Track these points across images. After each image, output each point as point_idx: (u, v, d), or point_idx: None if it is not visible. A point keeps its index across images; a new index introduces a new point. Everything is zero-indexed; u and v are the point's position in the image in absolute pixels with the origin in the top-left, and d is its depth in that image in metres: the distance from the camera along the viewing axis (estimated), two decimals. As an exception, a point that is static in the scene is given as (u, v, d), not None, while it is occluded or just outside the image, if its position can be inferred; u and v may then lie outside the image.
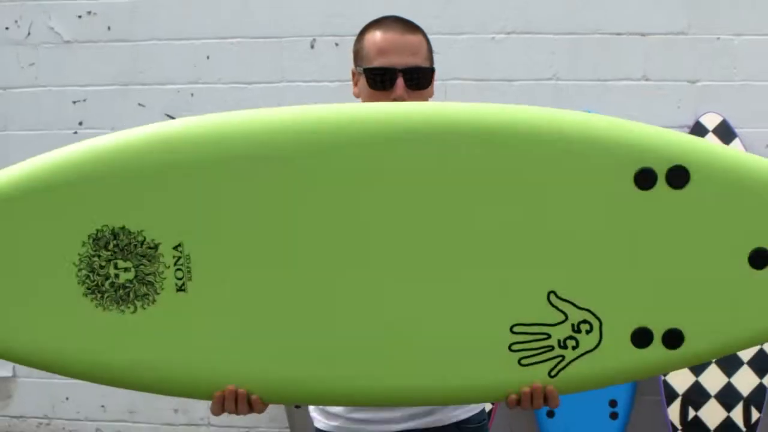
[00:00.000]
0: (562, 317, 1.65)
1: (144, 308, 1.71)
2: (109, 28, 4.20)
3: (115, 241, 1.71)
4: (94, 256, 1.71)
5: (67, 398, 4.55)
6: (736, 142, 3.86)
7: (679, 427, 3.76)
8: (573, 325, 1.65)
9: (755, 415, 3.78)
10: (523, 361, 1.64)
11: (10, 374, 4.53)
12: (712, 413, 3.82)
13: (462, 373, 1.67)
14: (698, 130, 3.91)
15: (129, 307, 1.72)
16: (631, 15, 3.95)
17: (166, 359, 1.69)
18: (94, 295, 1.72)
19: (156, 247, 1.72)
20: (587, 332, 1.64)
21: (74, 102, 4.30)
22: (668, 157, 1.64)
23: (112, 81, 4.25)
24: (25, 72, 4.29)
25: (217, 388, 1.70)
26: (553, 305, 1.66)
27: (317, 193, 1.69)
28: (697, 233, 1.66)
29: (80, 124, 4.30)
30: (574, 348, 1.64)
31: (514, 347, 1.65)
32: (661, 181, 1.65)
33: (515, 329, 1.66)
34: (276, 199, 1.70)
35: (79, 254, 1.71)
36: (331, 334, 1.69)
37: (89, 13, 4.21)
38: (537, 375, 1.64)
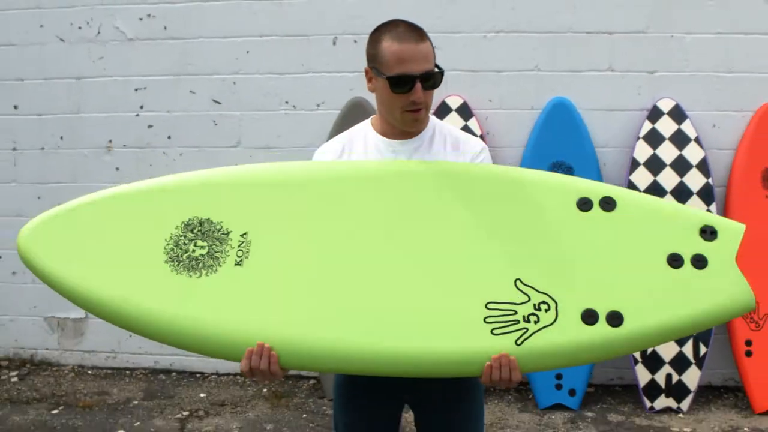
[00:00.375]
0: (526, 298, 1.87)
1: (207, 275, 1.99)
2: (165, 28, 4.61)
3: (200, 227, 2.05)
4: (181, 236, 2.05)
5: (130, 336, 4.74)
6: (687, 122, 4.19)
7: (639, 359, 4.13)
8: (534, 304, 1.85)
9: (703, 349, 4.14)
10: (495, 331, 1.82)
11: (83, 315, 4.90)
12: (667, 348, 4.16)
13: (448, 337, 1.85)
14: (655, 112, 4.23)
15: (196, 274, 1.99)
16: (599, 17, 4.31)
17: (216, 316, 1.92)
18: (172, 263, 2.01)
19: (228, 233, 2.04)
20: (546, 311, 1.84)
21: (136, 89, 4.69)
22: (600, 191, 2.00)
23: (167, 72, 4.64)
24: (96, 64, 4.69)
25: (249, 345, 1.88)
26: (518, 289, 1.88)
27: (347, 210, 2.05)
28: (626, 242, 1.93)
29: (141, 107, 4.69)
30: (535, 322, 1.83)
31: (488, 320, 1.85)
32: (596, 206, 1.98)
33: (489, 306, 1.87)
34: (314, 212, 2.06)
35: (171, 233, 2.05)
36: (346, 309, 1.91)
37: (149, 15, 4.60)
38: (505, 343, 1.81)
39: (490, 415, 4.17)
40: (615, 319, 1.81)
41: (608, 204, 1.99)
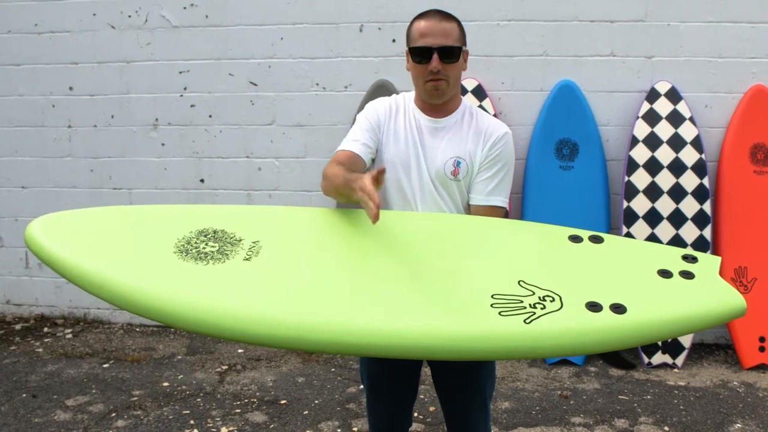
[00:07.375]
0: (530, 292, 1.82)
1: (214, 265, 1.88)
2: (206, 16, 4.79)
3: (213, 234, 2.00)
4: (194, 238, 1.98)
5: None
6: (682, 103, 4.35)
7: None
8: (540, 297, 1.80)
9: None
10: (503, 313, 1.75)
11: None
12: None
13: (455, 317, 1.76)
14: (653, 94, 4.38)
15: (203, 263, 1.88)
16: (602, 6, 4.47)
17: (216, 296, 1.76)
18: (181, 254, 1.91)
19: (240, 240, 1.99)
20: (551, 301, 1.79)
21: (180, 72, 4.87)
22: (587, 232, 2.08)
23: (208, 56, 4.82)
24: (143, 50, 4.88)
25: (237, 331, 1.71)
26: (522, 286, 1.85)
27: (365, 236, 2.03)
28: (617, 262, 1.97)
29: (184, 89, 4.88)
30: (542, 308, 1.76)
31: (495, 306, 1.78)
32: (586, 240, 2.05)
33: (494, 296, 1.81)
34: (332, 233, 2.07)
35: (185, 236, 1.99)
36: (353, 295, 1.83)
37: (192, 5, 4.79)
38: (514, 322, 1.72)
39: (501, 369, 4.26)
40: (618, 308, 1.76)
41: (597, 239, 2.05)
